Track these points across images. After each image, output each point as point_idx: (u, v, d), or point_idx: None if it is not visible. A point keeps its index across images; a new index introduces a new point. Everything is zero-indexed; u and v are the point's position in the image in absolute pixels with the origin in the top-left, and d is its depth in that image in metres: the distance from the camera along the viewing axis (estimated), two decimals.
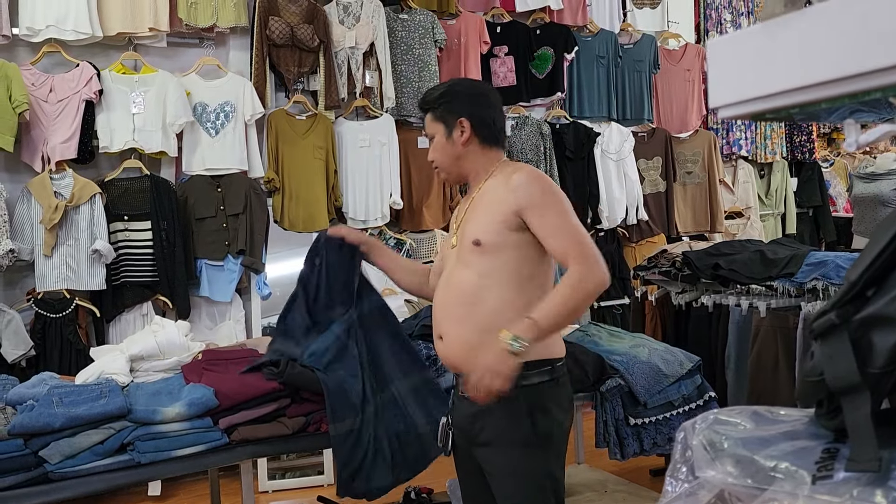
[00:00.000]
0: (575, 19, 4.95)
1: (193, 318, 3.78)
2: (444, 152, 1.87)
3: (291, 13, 4.01)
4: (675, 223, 5.13)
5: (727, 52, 0.76)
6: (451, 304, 1.80)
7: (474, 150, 1.84)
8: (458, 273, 1.80)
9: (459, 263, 1.80)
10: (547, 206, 1.73)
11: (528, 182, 1.74)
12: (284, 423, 2.27)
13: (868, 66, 0.62)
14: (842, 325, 0.66)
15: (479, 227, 1.77)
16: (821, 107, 0.70)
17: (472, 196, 1.86)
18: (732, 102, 0.75)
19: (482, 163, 1.85)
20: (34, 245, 3.45)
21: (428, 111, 1.88)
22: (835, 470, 0.65)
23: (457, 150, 1.84)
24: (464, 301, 1.77)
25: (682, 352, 2.82)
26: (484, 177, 1.85)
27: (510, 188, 1.75)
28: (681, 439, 0.83)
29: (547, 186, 1.78)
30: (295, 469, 3.86)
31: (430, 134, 1.89)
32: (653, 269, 3.62)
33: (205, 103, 3.83)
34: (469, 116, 1.82)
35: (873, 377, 0.64)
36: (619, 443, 2.70)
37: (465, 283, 1.77)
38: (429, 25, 4.34)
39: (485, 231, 1.75)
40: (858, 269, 0.67)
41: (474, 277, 1.75)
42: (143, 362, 2.39)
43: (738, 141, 5.52)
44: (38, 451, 1.98)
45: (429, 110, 1.88)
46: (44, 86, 3.51)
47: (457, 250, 1.83)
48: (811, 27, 0.67)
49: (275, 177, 3.98)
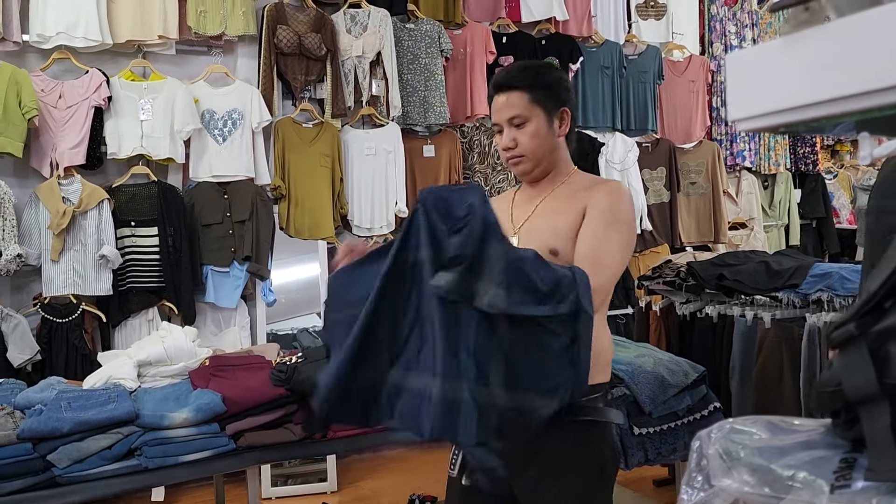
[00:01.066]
0: (580, 30, 4.98)
1: (198, 324, 3.80)
2: (543, 141, 1.65)
3: (299, 22, 4.03)
4: (679, 233, 5.14)
5: (747, 65, 0.77)
6: None
7: (564, 147, 1.71)
8: None
9: None
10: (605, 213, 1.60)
11: (610, 191, 1.64)
12: (291, 430, 2.28)
13: (887, 81, 0.63)
14: (860, 336, 0.67)
15: (557, 235, 1.61)
16: (840, 121, 0.71)
17: (542, 197, 1.70)
18: (751, 116, 0.76)
19: (565, 162, 1.72)
20: (41, 250, 3.46)
21: (521, 90, 1.64)
22: (853, 479, 0.65)
23: (554, 140, 1.67)
24: None
25: (687, 362, 2.82)
26: (562, 179, 1.71)
27: (588, 190, 1.65)
28: (696, 448, 0.84)
29: (625, 204, 1.63)
30: (298, 476, 3.86)
31: (516, 115, 1.64)
32: (657, 279, 3.62)
33: (212, 110, 3.85)
34: (571, 108, 1.69)
35: (891, 388, 0.64)
36: (624, 452, 2.69)
37: None
38: (435, 35, 4.37)
39: (564, 240, 1.60)
40: (877, 281, 0.67)
41: None
42: (151, 368, 2.40)
43: (741, 152, 5.54)
44: (46, 455, 2.00)
45: (524, 89, 1.64)
46: (53, 92, 3.53)
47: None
48: (831, 42, 0.68)
49: (281, 184, 4.00)
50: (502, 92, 1.66)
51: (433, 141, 4.44)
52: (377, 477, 3.94)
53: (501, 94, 1.66)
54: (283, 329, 4.09)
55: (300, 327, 4.14)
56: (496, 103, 1.67)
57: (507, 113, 1.65)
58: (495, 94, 1.67)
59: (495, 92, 1.68)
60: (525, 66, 1.71)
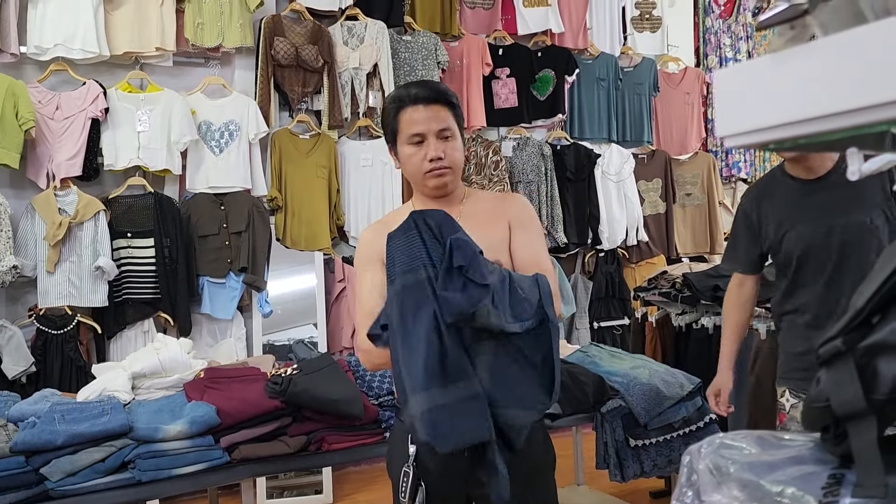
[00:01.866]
0: (576, 42, 5.01)
1: (194, 335, 3.79)
2: (462, 157, 1.73)
3: (296, 34, 4.05)
4: (675, 245, 5.15)
5: (734, 82, 0.78)
6: None
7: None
8: None
9: None
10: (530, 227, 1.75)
11: (523, 204, 1.80)
12: (286, 442, 2.27)
13: (873, 99, 0.64)
14: (847, 351, 0.67)
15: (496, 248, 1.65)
16: (827, 139, 0.72)
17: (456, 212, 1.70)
18: (739, 132, 0.77)
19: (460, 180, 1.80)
20: (37, 261, 3.46)
21: (447, 105, 1.71)
22: (841, 496, 0.66)
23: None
24: None
25: (683, 373, 2.83)
26: (461, 195, 1.77)
27: (504, 206, 1.75)
28: (686, 463, 0.84)
29: (536, 215, 1.81)
30: (293, 488, 3.84)
31: (447, 128, 1.69)
32: (653, 290, 3.64)
33: (209, 122, 3.86)
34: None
35: (879, 403, 0.65)
36: (620, 464, 2.69)
37: None
38: (432, 47, 4.39)
39: (503, 252, 1.68)
40: (864, 297, 0.68)
41: None
42: (146, 380, 2.39)
43: (737, 163, 5.56)
44: (39, 468, 1.99)
45: (448, 105, 1.71)
46: (50, 103, 3.54)
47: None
48: (817, 60, 0.69)
49: (278, 195, 4.01)
50: (430, 104, 1.68)
51: None
52: (373, 489, 3.92)
53: (429, 105, 1.68)
54: (279, 340, 4.08)
55: (297, 338, 4.13)
56: (419, 113, 1.68)
57: (437, 124, 1.68)
58: (419, 104, 1.68)
59: (420, 103, 1.68)
60: (441, 84, 1.77)
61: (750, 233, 2.26)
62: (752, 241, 2.26)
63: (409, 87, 1.72)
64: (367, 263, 1.71)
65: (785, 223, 2.14)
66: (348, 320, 4.08)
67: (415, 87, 1.72)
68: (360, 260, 1.75)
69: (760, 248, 2.25)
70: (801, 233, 2.11)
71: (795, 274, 2.14)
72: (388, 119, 1.73)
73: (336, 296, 4.13)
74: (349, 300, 4.09)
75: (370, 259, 1.70)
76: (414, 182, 1.77)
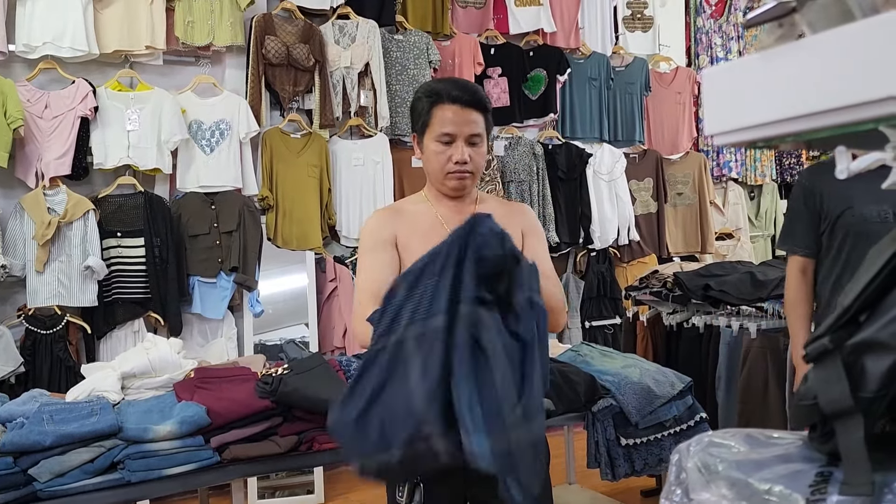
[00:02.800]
0: (568, 42, 5.02)
1: (185, 335, 3.77)
2: (484, 159, 1.77)
3: (288, 33, 4.04)
4: (666, 244, 5.16)
5: (722, 80, 0.78)
6: None
7: None
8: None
9: None
10: (542, 238, 1.85)
11: (530, 212, 1.89)
12: (276, 442, 2.26)
13: (860, 97, 0.64)
14: (835, 349, 0.68)
15: None
16: (815, 136, 0.72)
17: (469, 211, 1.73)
18: (727, 130, 0.77)
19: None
20: (26, 261, 3.43)
21: (482, 110, 1.72)
22: (828, 493, 0.66)
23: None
24: None
25: (674, 373, 2.83)
26: (473, 197, 1.82)
27: (516, 214, 1.81)
28: (675, 461, 0.84)
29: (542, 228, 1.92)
30: (285, 488, 3.83)
31: (477, 134, 1.71)
32: (644, 289, 3.64)
33: (200, 121, 3.85)
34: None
35: (866, 401, 0.65)
36: (611, 463, 2.69)
37: None
38: (423, 46, 4.38)
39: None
40: (851, 295, 0.68)
41: None
42: (135, 380, 2.38)
43: (728, 163, 5.58)
44: (27, 469, 1.97)
45: (483, 110, 1.73)
46: (39, 102, 3.52)
47: None
48: (805, 58, 0.69)
49: (269, 195, 3.99)
50: (468, 108, 1.69)
51: None
52: (365, 489, 3.91)
53: (465, 108, 1.69)
54: (271, 340, 4.07)
55: (288, 338, 4.12)
56: (458, 116, 1.68)
57: (470, 129, 1.70)
58: (459, 106, 1.68)
59: (459, 105, 1.68)
60: (478, 88, 1.77)
61: (811, 211, 2.17)
62: (813, 221, 2.17)
63: (449, 85, 1.73)
64: (375, 244, 1.72)
65: (844, 203, 2.07)
66: (340, 320, 4.07)
67: (454, 86, 1.72)
68: (367, 243, 1.74)
69: (820, 227, 2.16)
70: (858, 214, 2.04)
71: (848, 256, 2.08)
72: (420, 110, 1.73)
73: (327, 295, 4.12)
74: (341, 300, 4.08)
75: (377, 242, 1.71)
76: (432, 177, 1.78)
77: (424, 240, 1.65)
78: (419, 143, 1.77)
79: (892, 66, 0.61)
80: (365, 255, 1.74)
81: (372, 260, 1.71)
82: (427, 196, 1.83)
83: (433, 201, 1.80)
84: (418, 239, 1.70)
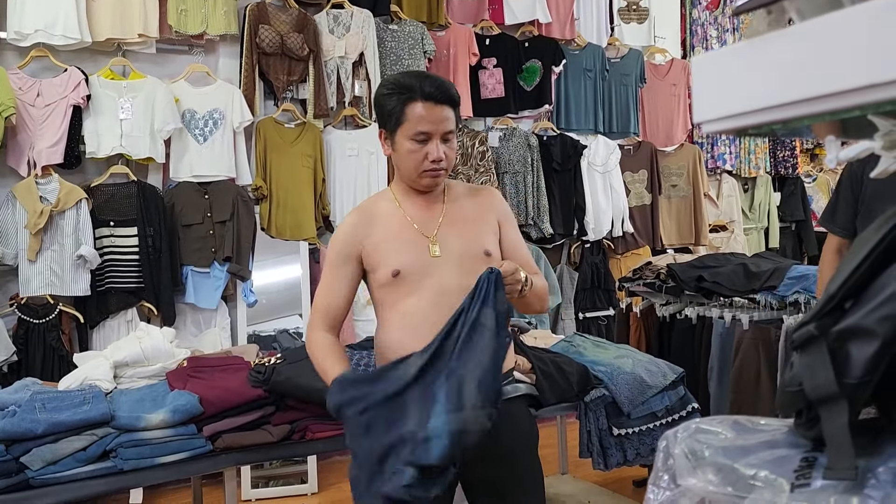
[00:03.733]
0: (563, 33, 5.00)
1: (178, 325, 3.77)
2: (455, 153, 1.78)
3: (281, 22, 4.02)
4: (660, 236, 5.17)
5: (711, 67, 0.78)
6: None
7: None
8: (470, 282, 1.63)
9: (467, 274, 1.64)
10: (514, 222, 1.87)
11: (500, 198, 1.87)
12: (269, 431, 2.26)
13: (847, 84, 0.64)
14: (820, 336, 0.68)
15: (482, 238, 1.75)
16: (803, 123, 0.72)
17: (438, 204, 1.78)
18: (716, 118, 0.77)
19: None
20: (18, 250, 3.42)
21: (453, 107, 1.71)
22: (813, 478, 0.66)
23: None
24: None
25: (666, 363, 2.84)
26: (443, 187, 1.80)
27: (486, 201, 1.82)
28: (663, 448, 0.84)
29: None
30: (279, 478, 3.84)
31: (451, 131, 1.71)
32: (638, 280, 3.65)
33: (193, 110, 3.83)
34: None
35: (850, 387, 0.65)
36: (603, 453, 2.70)
37: None
38: (418, 36, 4.37)
39: (491, 242, 1.76)
40: (837, 282, 0.68)
41: None
42: (128, 369, 2.38)
43: (722, 155, 5.58)
44: (19, 457, 1.97)
45: (454, 105, 1.72)
46: (31, 90, 3.50)
47: (451, 261, 1.71)
48: (793, 45, 0.69)
49: (263, 184, 3.98)
50: (444, 105, 1.68)
51: None
52: None
53: (440, 105, 1.67)
54: (265, 330, 4.07)
55: (282, 328, 4.12)
56: (435, 113, 1.67)
57: (444, 126, 1.69)
58: (430, 102, 1.66)
59: (433, 102, 1.66)
60: (448, 83, 1.73)
61: (854, 196, 2.17)
62: (854, 205, 2.16)
63: (421, 80, 1.68)
64: (338, 257, 1.76)
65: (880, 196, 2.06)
66: None
67: (427, 83, 1.67)
68: (332, 253, 1.78)
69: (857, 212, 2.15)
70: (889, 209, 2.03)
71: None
72: (390, 106, 1.68)
73: None
74: None
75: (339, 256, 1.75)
76: (404, 174, 1.76)
77: (395, 242, 1.73)
78: (388, 139, 1.74)
79: (881, 53, 0.61)
80: (327, 268, 1.78)
81: (330, 279, 1.77)
82: (395, 194, 1.80)
83: (401, 199, 1.78)
84: (389, 240, 1.74)
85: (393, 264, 1.70)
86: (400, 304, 1.71)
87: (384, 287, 1.73)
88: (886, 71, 0.61)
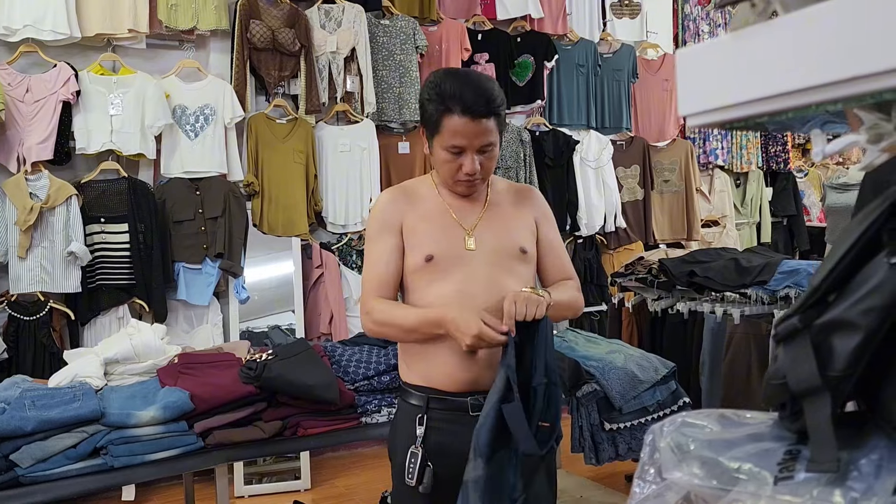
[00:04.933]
0: (555, 28, 5.00)
1: (170, 322, 3.76)
2: (495, 161, 1.72)
3: (273, 17, 4.00)
4: (653, 231, 5.18)
5: (696, 61, 0.78)
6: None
7: None
8: (503, 279, 1.66)
9: (499, 269, 1.67)
10: (554, 222, 1.86)
11: (540, 196, 1.87)
12: (261, 427, 2.26)
13: (831, 77, 0.64)
14: (804, 329, 0.68)
15: (519, 235, 1.73)
16: (788, 116, 0.72)
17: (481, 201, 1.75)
18: (701, 111, 0.77)
19: None
20: (8, 247, 3.40)
21: (494, 116, 1.63)
22: (796, 471, 0.66)
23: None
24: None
25: (658, 358, 2.85)
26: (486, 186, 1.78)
27: (527, 199, 1.82)
28: (649, 441, 0.84)
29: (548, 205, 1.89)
30: (271, 474, 3.83)
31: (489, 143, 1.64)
32: (630, 275, 3.65)
33: (184, 106, 3.81)
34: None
35: (833, 380, 0.65)
36: (595, 448, 2.71)
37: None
38: (410, 31, 4.36)
39: (528, 240, 1.75)
40: (820, 275, 0.68)
41: (521, 285, 1.65)
42: (119, 366, 2.37)
43: (714, 150, 5.59)
44: (8, 454, 1.96)
45: (496, 116, 1.64)
46: (20, 86, 3.47)
47: (485, 255, 1.69)
48: (777, 38, 0.69)
49: (254, 180, 3.97)
50: (483, 118, 1.60)
51: (408, 138, 4.44)
52: (351, 474, 3.93)
53: (481, 120, 1.60)
54: (257, 327, 4.06)
55: (274, 325, 4.11)
56: (471, 128, 1.60)
57: (483, 140, 1.62)
58: (472, 118, 1.60)
59: (473, 117, 1.59)
60: (494, 88, 1.65)
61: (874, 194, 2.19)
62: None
63: (463, 88, 1.61)
64: (381, 229, 1.72)
65: None
66: (326, 307, 4.06)
67: (469, 92, 1.60)
68: (375, 226, 1.74)
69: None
70: None
71: None
72: (429, 112, 1.66)
73: (314, 282, 4.11)
74: (327, 286, 4.07)
75: (383, 226, 1.71)
76: (441, 177, 1.75)
77: (432, 226, 1.70)
78: (427, 139, 1.72)
79: (865, 45, 0.61)
80: (371, 242, 1.74)
81: (378, 250, 1.71)
82: (435, 182, 1.78)
83: (441, 187, 1.77)
84: (426, 225, 1.70)
85: (427, 249, 1.67)
86: (427, 292, 1.67)
87: (415, 273, 1.69)
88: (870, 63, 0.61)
